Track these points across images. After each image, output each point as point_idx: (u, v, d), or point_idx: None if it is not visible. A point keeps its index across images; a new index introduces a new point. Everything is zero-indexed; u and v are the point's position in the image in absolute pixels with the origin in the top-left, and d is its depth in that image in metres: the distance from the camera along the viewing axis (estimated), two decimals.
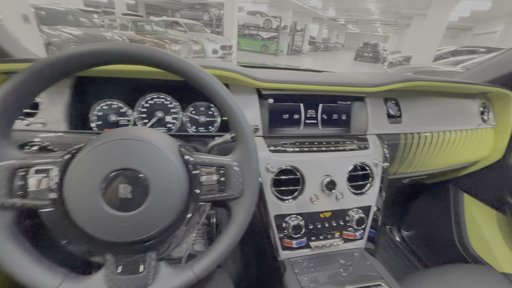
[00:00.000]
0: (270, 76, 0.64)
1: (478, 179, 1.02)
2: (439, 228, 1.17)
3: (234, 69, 0.59)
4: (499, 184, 0.95)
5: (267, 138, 0.68)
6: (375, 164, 0.71)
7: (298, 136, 0.71)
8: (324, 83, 0.67)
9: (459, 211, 1.09)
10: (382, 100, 0.78)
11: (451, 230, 1.10)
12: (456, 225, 1.09)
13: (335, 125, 0.75)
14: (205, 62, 0.58)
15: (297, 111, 0.72)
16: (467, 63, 5.41)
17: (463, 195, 1.09)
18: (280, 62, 11.36)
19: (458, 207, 1.09)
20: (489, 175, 0.98)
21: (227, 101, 0.40)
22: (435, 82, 0.74)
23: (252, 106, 0.66)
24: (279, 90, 0.67)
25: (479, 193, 1.02)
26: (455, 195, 1.11)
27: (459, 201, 1.09)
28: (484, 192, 1.01)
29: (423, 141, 0.81)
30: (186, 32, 8.74)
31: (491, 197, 0.98)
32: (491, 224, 0.99)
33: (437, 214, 1.18)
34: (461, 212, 1.08)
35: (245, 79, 0.60)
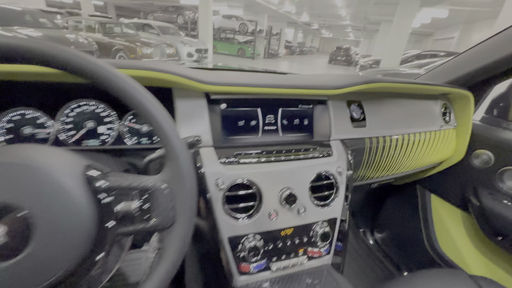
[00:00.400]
0: (221, 79, 0.57)
1: (443, 179, 1.03)
2: (409, 229, 1.17)
3: (175, 71, 0.50)
4: (462, 183, 0.97)
5: (219, 148, 0.60)
6: (339, 173, 0.67)
7: (256, 145, 0.64)
8: (282, 85, 0.61)
9: (427, 212, 1.10)
10: (345, 103, 0.75)
11: (421, 231, 1.11)
12: (425, 226, 1.10)
13: (297, 131, 0.70)
14: (140, 63, 0.49)
15: (254, 117, 0.65)
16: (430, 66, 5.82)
17: (430, 195, 1.10)
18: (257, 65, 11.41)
19: (425, 207, 1.10)
20: (453, 175, 1.00)
21: (147, 108, 0.32)
22: (397, 84, 0.72)
23: (200, 113, 0.59)
24: (232, 94, 0.61)
25: (445, 193, 1.04)
26: (422, 196, 1.12)
27: (426, 201, 1.10)
28: (449, 192, 1.02)
29: (388, 144, 0.79)
30: (159, 35, 8.47)
31: (455, 197, 1.00)
32: (457, 224, 1.01)
33: (407, 215, 1.18)
34: (429, 212, 1.09)
35: (190, 83, 0.52)
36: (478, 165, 0.91)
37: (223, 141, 0.62)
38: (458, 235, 1.00)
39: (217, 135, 0.61)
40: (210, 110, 0.60)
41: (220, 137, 0.61)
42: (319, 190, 0.66)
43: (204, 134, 0.59)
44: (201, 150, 0.58)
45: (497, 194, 0.86)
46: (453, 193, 1.01)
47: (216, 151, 0.59)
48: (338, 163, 0.68)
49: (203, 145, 0.59)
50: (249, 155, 0.62)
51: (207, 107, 0.60)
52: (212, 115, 0.60)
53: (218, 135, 0.61)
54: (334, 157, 0.69)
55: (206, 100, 0.60)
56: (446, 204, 1.04)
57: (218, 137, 0.61)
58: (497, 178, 0.87)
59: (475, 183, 0.92)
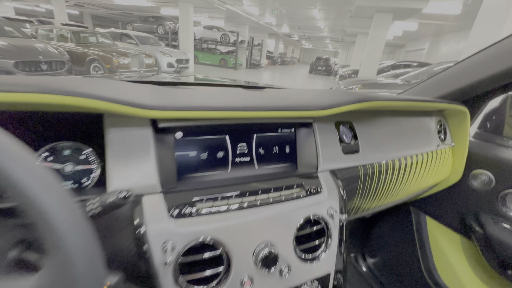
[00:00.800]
0: (173, 101, 0.43)
1: (439, 202, 0.95)
2: (404, 254, 1.07)
3: (100, 94, 0.36)
4: (460, 207, 0.89)
5: (170, 194, 0.45)
6: (331, 215, 0.55)
7: (224, 184, 0.50)
8: (257, 107, 0.48)
9: (423, 235, 1.01)
10: (333, 125, 0.64)
11: (417, 258, 1.01)
12: (422, 253, 1.00)
13: (277, 161, 0.57)
14: (51, 81, 0.35)
15: (221, 147, 0.52)
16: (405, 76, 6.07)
17: (425, 218, 1.01)
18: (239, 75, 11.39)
19: (421, 230, 1.01)
20: (450, 198, 0.91)
21: None
22: (394, 102, 0.62)
23: (143, 147, 0.44)
24: (188, 121, 0.47)
25: (441, 216, 0.95)
26: (417, 218, 1.03)
27: (422, 224, 1.01)
28: (447, 215, 0.94)
29: (384, 169, 0.69)
30: (137, 45, 8.25)
31: (453, 221, 0.91)
32: (457, 251, 0.92)
33: (401, 238, 1.09)
34: (425, 237, 1.00)
35: (125, 109, 0.38)
36: (478, 187, 0.84)
37: (177, 183, 0.47)
38: (459, 263, 0.91)
39: (168, 175, 0.46)
40: (158, 142, 0.45)
41: (172, 178, 0.47)
42: (306, 239, 0.53)
43: (148, 178, 0.43)
44: (144, 199, 0.43)
45: (501, 220, 0.78)
46: (451, 217, 0.92)
47: (166, 199, 0.44)
48: (329, 202, 0.55)
49: (148, 192, 0.44)
50: (214, 201, 0.47)
51: (154, 138, 0.45)
52: (161, 149, 0.45)
53: (169, 175, 0.46)
54: (323, 195, 0.56)
55: (153, 129, 0.45)
56: (444, 228, 0.96)
57: (169, 178, 0.46)
58: (499, 202, 0.79)
59: (476, 206, 0.84)
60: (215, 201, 0.47)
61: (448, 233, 0.95)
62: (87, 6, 14.14)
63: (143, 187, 0.43)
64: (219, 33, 12.87)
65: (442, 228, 0.96)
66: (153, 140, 0.45)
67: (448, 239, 0.95)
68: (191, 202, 0.45)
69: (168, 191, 0.45)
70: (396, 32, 13.36)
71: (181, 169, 0.48)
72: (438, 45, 14.36)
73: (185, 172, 0.49)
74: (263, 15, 13.13)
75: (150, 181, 0.43)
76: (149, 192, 0.44)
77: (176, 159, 0.48)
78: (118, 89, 0.43)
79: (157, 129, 0.46)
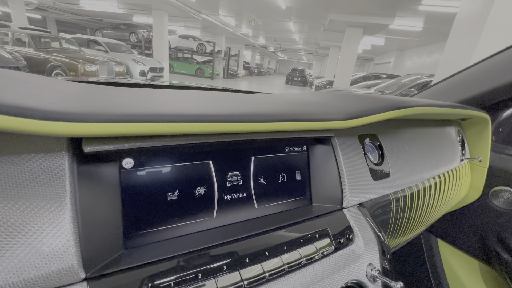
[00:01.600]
0: (112, 106, 0.25)
1: (453, 223, 0.84)
2: (415, 283, 0.94)
3: None
4: (479, 229, 0.78)
5: (105, 279, 0.25)
6: (373, 278, 0.38)
7: (206, 244, 0.31)
8: (253, 117, 0.30)
9: (436, 262, 0.89)
10: (357, 140, 0.48)
11: (430, 286, 0.88)
12: (435, 280, 0.87)
13: (285, 195, 0.40)
14: None
15: (202, 178, 0.34)
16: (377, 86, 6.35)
17: (436, 241, 0.89)
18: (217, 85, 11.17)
19: (433, 256, 0.89)
20: (465, 218, 0.81)
21: None
22: (434, 108, 0.48)
23: (46, 194, 0.24)
24: (143, 140, 0.28)
25: (457, 240, 0.84)
26: (427, 241, 0.91)
27: (433, 249, 0.89)
28: (462, 238, 0.83)
29: (416, 195, 0.55)
30: (107, 52, 7.78)
31: (471, 245, 0.80)
32: (476, 278, 0.81)
33: (412, 265, 0.96)
34: (438, 262, 0.88)
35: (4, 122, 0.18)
36: (500, 206, 0.73)
37: (122, 252, 0.28)
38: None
39: (102, 242, 0.26)
40: (82, 181, 0.26)
41: (111, 245, 0.27)
42: None
43: (54, 254, 0.23)
44: None
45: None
46: (468, 240, 0.81)
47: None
48: (368, 256, 0.39)
49: (54, 285, 0.23)
50: (189, 284, 0.28)
51: (73, 173, 0.25)
52: (88, 193, 0.26)
53: (105, 241, 0.27)
54: (358, 245, 0.39)
55: (73, 157, 0.26)
56: (459, 253, 0.84)
57: (105, 247, 0.27)
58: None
59: (499, 229, 0.73)
60: (192, 284, 0.28)
61: (465, 259, 0.83)
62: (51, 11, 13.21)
63: (42, 277, 0.22)
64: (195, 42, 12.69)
65: (458, 253, 0.85)
66: (71, 178, 0.25)
67: (466, 265, 0.83)
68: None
69: (102, 275, 0.25)
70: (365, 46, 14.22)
71: (132, 225, 0.29)
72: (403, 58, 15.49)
73: (138, 228, 0.30)
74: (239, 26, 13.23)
75: (58, 262, 0.23)
76: (57, 285, 0.23)
77: (123, 206, 0.29)
78: (15, 83, 0.24)
79: (83, 157, 0.26)
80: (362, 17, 7.91)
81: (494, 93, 0.66)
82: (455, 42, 2.19)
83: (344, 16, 8.03)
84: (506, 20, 1.98)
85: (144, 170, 0.30)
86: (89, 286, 0.24)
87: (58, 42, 6.55)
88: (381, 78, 9.44)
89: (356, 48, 9.14)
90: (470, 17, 2.16)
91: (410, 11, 7.01)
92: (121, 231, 0.28)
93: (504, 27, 1.99)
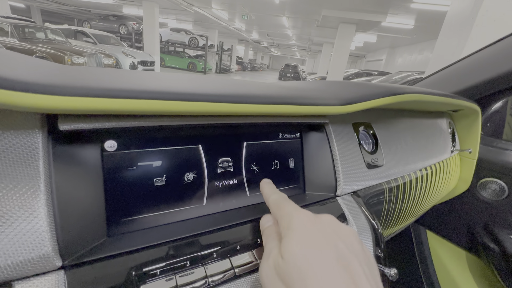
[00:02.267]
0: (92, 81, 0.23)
1: (441, 214, 0.85)
2: (405, 274, 0.96)
3: None
4: (466, 220, 0.79)
5: (84, 268, 0.23)
6: None
7: (195, 232, 0.29)
8: (247, 97, 0.28)
9: (424, 253, 0.90)
10: (351, 128, 0.48)
11: (418, 274, 0.90)
12: (423, 268, 0.89)
13: (277, 183, 0.37)
14: None
15: (191, 163, 0.32)
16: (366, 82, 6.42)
17: (425, 232, 0.91)
18: None
19: (422, 247, 0.91)
20: (453, 210, 0.82)
21: None
22: (429, 96, 0.47)
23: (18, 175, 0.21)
24: (127, 119, 0.26)
25: (445, 231, 0.86)
26: (416, 232, 0.93)
27: (422, 240, 0.91)
28: (450, 229, 0.84)
29: (408, 185, 0.55)
30: (95, 44, 7.54)
31: (458, 235, 0.82)
32: (462, 267, 0.83)
33: (401, 256, 0.98)
34: (427, 252, 0.90)
35: None
36: (487, 197, 0.75)
37: (104, 240, 0.26)
38: (466, 282, 0.81)
39: (81, 228, 0.24)
40: (58, 162, 0.24)
41: (93, 231, 0.26)
42: None
43: (27, 240, 0.21)
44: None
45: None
46: (455, 231, 0.83)
47: (72, 282, 0.22)
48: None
49: (27, 273, 0.21)
50: (176, 272, 0.26)
51: (48, 153, 0.23)
52: (66, 175, 0.24)
53: (86, 227, 0.25)
54: None
55: (47, 137, 0.23)
56: (447, 243, 0.86)
57: (85, 233, 0.25)
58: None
59: (486, 219, 0.75)
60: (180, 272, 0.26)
61: (453, 249, 0.85)
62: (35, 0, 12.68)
63: (12, 265, 0.20)
64: (187, 36, 12.45)
65: (446, 244, 0.87)
66: (46, 159, 0.23)
67: (453, 255, 0.85)
68: (131, 280, 0.24)
69: (81, 263, 0.23)
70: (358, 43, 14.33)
71: (116, 212, 0.27)
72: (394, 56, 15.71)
73: (123, 215, 0.28)
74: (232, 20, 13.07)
75: (30, 249, 0.21)
76: (30, 273, 0.21)
77: (106, 192, 0.27)
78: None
79: (59, 136, 0.24)
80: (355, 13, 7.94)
81: (484, 86, 0.66)
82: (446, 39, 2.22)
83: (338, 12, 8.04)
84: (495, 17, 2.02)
85: (129, 153, 0.28)
86: (66, 274, 0.22)
87: (44, 33, 6.30)
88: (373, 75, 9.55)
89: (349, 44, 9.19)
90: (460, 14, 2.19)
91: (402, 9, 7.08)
92: (104, 217, 0.27)
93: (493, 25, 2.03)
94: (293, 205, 0.26)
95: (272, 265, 0.21)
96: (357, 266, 0.20)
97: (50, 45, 5.74)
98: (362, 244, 0.23)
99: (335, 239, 0.21)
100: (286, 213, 0.24)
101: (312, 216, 0.23)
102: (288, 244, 0.21)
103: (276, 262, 0.21)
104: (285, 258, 0.20)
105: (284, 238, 0.22)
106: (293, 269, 0.19)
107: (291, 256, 0.20)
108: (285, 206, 0.25)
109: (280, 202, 0.27)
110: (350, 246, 0.21)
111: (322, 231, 0.22)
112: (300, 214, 0.23)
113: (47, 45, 5.69)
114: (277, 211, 0.26)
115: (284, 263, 0.20)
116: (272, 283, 0.20)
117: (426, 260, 0.90)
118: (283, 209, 0.25)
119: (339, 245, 0.21)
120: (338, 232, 0.22)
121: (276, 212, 0.26)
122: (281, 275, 0.20)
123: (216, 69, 14.54)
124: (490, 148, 0.78)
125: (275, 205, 0.27)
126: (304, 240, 0.21)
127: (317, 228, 0.22)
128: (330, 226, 0.22)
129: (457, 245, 0.84)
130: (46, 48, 5.54)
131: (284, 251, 0.20)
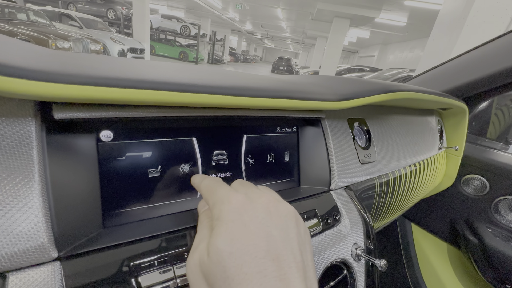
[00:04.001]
0: (87, 69, 0.21)
1: (425, 208, 0.89)
2: (389, 264, 1.00)
3: None
4: (449, 214, 0.83)
5: (79, 259, 0.23)
6: (357, 257, 0.39)
7: (189, 225, 0.30)
8: (247, 90, 0.28)
9: (409, 244, 0.94)
10: (346, 124, 0.49)
11: (402, 265, 0.94)
12: (407, 259, 0.93)
13: (272, 176, 0.39)
14: None
15: (185, 155, 0.32)
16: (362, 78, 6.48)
17: (410, 225, 0.95)
18: None
19: (406, 238, 0.95)
20: (437, 204, 0.86)
21: None
22: (423, 95, 0.48)
23: (11, 166, 0.21)
24: (123, 109, 0.25)
25: (428, 223, 0.90)
26: (402, 225, 0.97)
27: (407, 232, 0.95)
28: (433, 222, 0.88)
29: (398, 180, 0.57)
30: (81, 28, 7.21)
31: (441, 229, 0.86)
32: (443, 259, 0.88)
33: (387, 247, 1.02)
34: (411, 244, 0.94)
35: None
36: (470, 193, 0.78)
37: (100, 231, 0.26)
38: (446, 273, 0.86)
39: (77, 219, 0.24)
40: (52, 152, 0.23)
41: (89, 222, 0.25)
42: None
43: (22, 232, 0.20)
44: (11, 281, 0.20)
45: (498, 229, 0.74)
46: (438, 224, 0.87)
47: (68, 273, 0.22)
48: (354, 236, 0.40)
49: (22, 264, 0.21)
50: (173, 262, 0.26)
51: (42, 143, 0.23)
52: (60, 165, 0.23)
53: (81, 218, 0.25)
54: (344, 225, 0.40)
55: (41, 126, 0.23)
56: (430, 236, 0.90)
57: (80, 224, 0.24)
58: (493, 209, 0.74)
59: (467, 214, 0.79)
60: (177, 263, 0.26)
61: (435, 241, 0.90)
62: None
63: (6, 256, 0.20)
64: (178, 24, 12.09)
65: (429, 236, 0.91)
66: (40, 148, 0.22)
67: (435, 247, 0.90)
68: (127, 271, 0.24)
69: (77, 254, 0.23)
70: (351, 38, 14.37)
71: (111, 203, 0.27)
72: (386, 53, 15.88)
73: (118, 206, 0.28)
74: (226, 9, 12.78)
75: (26, 239, 0.20)
76: (25, 264, 0.21)
77: (101, 183, 0.26)
78: None
79: (54, 125, 0.23)
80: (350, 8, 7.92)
81: (471, 86, 0.68)
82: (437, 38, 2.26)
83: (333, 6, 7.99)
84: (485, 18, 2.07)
85: (124, 144, 0.28)
86: (62, 265, 0.22)
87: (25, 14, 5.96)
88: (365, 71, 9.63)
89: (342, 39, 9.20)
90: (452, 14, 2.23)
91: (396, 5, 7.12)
92: (100, 208, 0.26)
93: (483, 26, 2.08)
94: (226, 188, 0.23)
95: (197, 262, 0.19)
96: (288, 255, 0.19)
97: (33, 28, 5.44)
98: (299, 225, 0.22)
99: (268, 227, 0.19)
100: (218, 199, 0.22)
101: (246, 202, 0.21)
102: (215, 240, 0.19)
103: (202, 259, 0.19)
104: (211, 256, 0.18)
105: (213, 229, 0.20)
106: (217, 269, 0.18)
107: (216, 254, 0.18)
108: (217, 190, 0.23)
109: (212, 185, 0.24)
110: (285, 231, 0.20)
111: (254, 220, 0.20)
112: (232, 200, 0.21)
113: (30, 28, 5.38)
114: (209, 197, 0.23)
115: (209, 261, 0.18)
116: (196, 281, 0.19)
117: (409, 251, 0.94)
118: (215, 194, 0.23)
119: (271, 233, 0.19)
120: (274, 215, 0.21)
121: (208, 198, 0.23)
122: (205, 273, 0.19)
123: (208, 59, 14.27)
124: (475, 145, 0.81)
125: (207, 190, 0.24)
126: (232, 234, 0.19)
127: (249, 217, 0.20)
128: (266, 211, 0.21)
129: (439, 237, 0.88)
130: (29, 31, 5.24)
131: (211, 248, 0.19)
